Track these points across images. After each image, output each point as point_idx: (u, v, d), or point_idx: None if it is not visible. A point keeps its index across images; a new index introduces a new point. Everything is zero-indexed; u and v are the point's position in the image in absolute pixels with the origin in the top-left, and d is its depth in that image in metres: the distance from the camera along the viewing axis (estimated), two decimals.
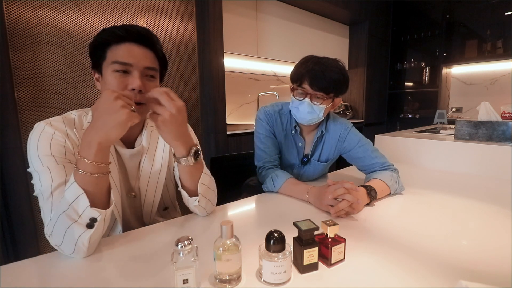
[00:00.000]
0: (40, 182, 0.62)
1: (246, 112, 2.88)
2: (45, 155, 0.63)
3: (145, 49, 0.72)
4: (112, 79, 0.68)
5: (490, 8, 3.21)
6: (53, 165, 0.62)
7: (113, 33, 0.69)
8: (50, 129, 0.66)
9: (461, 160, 1.37)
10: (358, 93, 3.72)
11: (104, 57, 0.69)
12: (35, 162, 0.62)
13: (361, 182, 1.03)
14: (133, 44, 0.70)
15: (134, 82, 0.69)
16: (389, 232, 0.72)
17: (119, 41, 0.69)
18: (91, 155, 0.55)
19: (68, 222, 0.55)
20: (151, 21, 1.84)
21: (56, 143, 0.65)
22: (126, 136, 0.77)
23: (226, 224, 0.49)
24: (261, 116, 1.12)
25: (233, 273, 0.50)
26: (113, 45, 0.69)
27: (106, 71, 0.69)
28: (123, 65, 0.68)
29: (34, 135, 0.65)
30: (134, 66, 0.69)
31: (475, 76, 3.58)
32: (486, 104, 1.49)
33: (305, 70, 0.97)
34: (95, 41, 0.70)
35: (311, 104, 0.98)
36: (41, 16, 1.45)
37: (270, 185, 1.01)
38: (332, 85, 0.96)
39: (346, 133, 1.10)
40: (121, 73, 0.69)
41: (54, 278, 0.54)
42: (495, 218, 0.82)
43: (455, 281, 0.48)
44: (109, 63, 0.68)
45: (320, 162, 1.16)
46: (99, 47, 0.69)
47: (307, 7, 3.05)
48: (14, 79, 1.40)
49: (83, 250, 0.58)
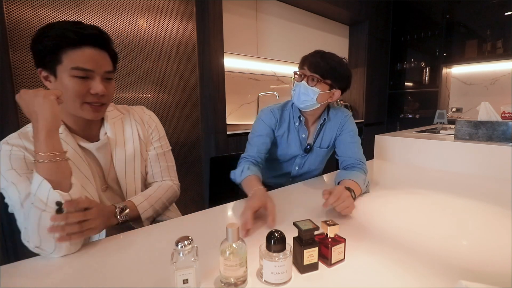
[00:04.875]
0: (10, 198, 0.63)
1: (246, 112, 2.88)
2: (6, 170, 0.64)
3: (102, 52, 0.72)
4: (73, 85, 0.68)
5: (490, 8, 3.21)
6: (16, 178, 0.63)
7: (65, 36, 0.66)
8: (7, 147, 0.66)
9: (461, 160, 1.37)
10: (358, 93, 3.72)
11: (60, 61, 0.67)
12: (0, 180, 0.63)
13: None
14: (90, 48, 0.69)
15: (97, 87, 0.70)
16: (389, 232, 0.72)
17: (74, 45, 0.67)
18: (43, 145, 0.58)
19: (38, 213, 0.56)
20: (151, 21, 1.83)
21: (15, 158, 0.65)
22: (87, 131, 0.79)
23: (232, 227, 0.48)
24: (262, 116, 1.16)
25: (239, 276, 0.49)
26: (68, 49, 0.67)
27: (63, 75, 0.68)
28: (84, 72, 0.69)
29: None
30: (96, 71, 0.70)
31: (475, 76, 3.58)
32: (486, 104, 1.49)
33: (307, 56, 1.07)
34: (43, 42, 0.67)
35: (306, 86, 1.05)
36: (41, 16, 1.45)
37: (238, 173, 1.01)
38: (328, 70, 1.03)
39: (346, 120, 1.18)
40: (81, 78, 0.69)
41: (53, 278, 0.54)
42: (495, 218, 0.82)
43: (455, 281, 0.48)
44: (67, 68, 0.68)
45: (321, 149, 1.21)
46: (51, 50, 0.67)
47: (307, 7, 3.05)
48: (14, 79, 1.40)
49: (64, 244, 0.58)
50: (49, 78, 0.71)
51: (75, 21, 0.70)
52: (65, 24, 0.68)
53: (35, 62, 0.71)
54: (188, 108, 2.06)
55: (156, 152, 0.91)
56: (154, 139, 0.91)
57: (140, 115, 0.90)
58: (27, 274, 0.55)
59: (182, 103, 2.02)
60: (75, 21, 0.70)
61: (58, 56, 0.67)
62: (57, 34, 0.66)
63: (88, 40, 0.69)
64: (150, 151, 0.90)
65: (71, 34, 0.66)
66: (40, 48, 0.68)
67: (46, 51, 0.67)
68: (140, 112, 0.91)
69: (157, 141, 0.91)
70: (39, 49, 0.68)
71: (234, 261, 0.48)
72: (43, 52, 0.67)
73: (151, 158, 0.90)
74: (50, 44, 0.66)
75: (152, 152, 0.90)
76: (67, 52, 0.67)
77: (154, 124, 0.92)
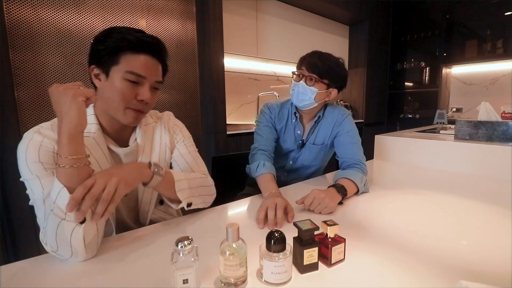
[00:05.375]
0: (32, 191, 0.62)
1: (246, 112, 2.88)
2: (33, 162, 0.63)
3: (157, 62, 0.74)
4: (123, 87, 0.69)
5: (490, 8, 3.21)
6: (42, 172, 0.63)
7: (128, 40, 0.69)
8: (38, 137, 0.66)
9: (461, 160, 1.37)
10: (358, 93, 3.72)
11: (117, 63, 0.69)
12: (24, 170, 0.63)
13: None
14: (148, 56, 0.71)
15: (145, 94, 0.72)
16: (389, 232, 0.72)
17: (135, 50, 0.70)
18: (65, 149, 0.57)
19: (57, 221, 0.56)
20: (151, 21, 1.83)
21: (44, 150, 0.65)
22: (119, 135, 0.79)
23: (232, 227, 0.48)
24: (264, 109, 1.23)
25: (239, 276, 0.49)
26: (127, 53, 0.69)
27: (115, 76, 0.70)
28: (137, 77, 0.70)
29: (23, 144, 0.65)
30: (147, 79, 0.72)
31: (475, 76, 3.58)
32: (486, 104, 1.49)
33: (305, 57, 1.11)
34: (106, 43, 0.69)
35: (304, 85, 1.08)
36: (41, 16, 1.45)
37: (253, 169, 1.05)
38: (325, 70, 1.06)
39: (342, 118, 1.18)
40: (132, 83, 0.70)
41: (54, 278, 0.54)
42: (495, 218, 0.82)
43: (455, 281, 0.48)
44: (123, 70, 0.69)
45: (315, 145, 1.22)
46: (111, 51, 0.69)
47: (307, 7, 3.05)
48: (14, 79, 1.40)
49: (80, 252, 0.57)
50: (99, 76, 0.72)
51: (138, 29, 0.73)
52: (129, 30, 0.71)
53: (90, 59, 0.73)
54: (188, 108, 2.06)
55: (180, 152, 0.88)
56: (179, 141, 0.89)
57: (168, 123, 0.90)
58: (27, 274, 0.55)
59: (182, 103, 2.02)
60: (138, 29, 0.73)
61: (117, 58, 0.69)
62: (121, 37, 0.68)
63: (148, 48, 0.71)
64: (175, 153, 0.88)
65: (134, 40, 0.69)
66: (101, 48, 0.69)
67: (106, 51, 0.69)
68: (167, 119, 0.91)
69: (181, 142, 0.90)
70: (100, 48, 0.69)
71: (234, 261, 0.48)
72: (103, 52, 0.69)
73: (176, 159, 0.88)
74: (112, 45, 0.68)
75: (176, 153, 0.88)
76: (126, 55, 0.69)
77: (179, 128, 0.91)
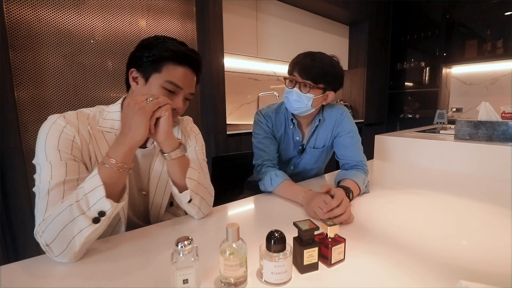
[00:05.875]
0: (40, 177, 0.62)
1: (246, 112, 2.88)
2: (51, 147, 0.63)
3: (194, 76, 0.77)
4: (159, 95, 0.70)
5: (490, 8, 3.21)
6: (56, 160, 0.63)
7: (174, 52, 0.71)
8: (62, 122, 0.66)
9: (461, 160, 1.37)
10: (358, 93, 3.72)
11: (159, 71, 0.71)
12: (41, 153, 0.63)
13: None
14: (188, 68, 0.74)
15: (179, 103, 0.74)
16: (389, 232, 0.72)
17: (178, 62, 0.72)
18: (120, 155, 0.59)
19: (75, 214, 0.55)
20: (151, 21, 1.83)
21: (65, 137, 0.65)
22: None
23: (232, 227, 0.48)
24: (259, 119, 1.15)
25: (239, 276, 0.49)
26: (170, 63, 0.71)
27: (154, 82, 0.71)
28: (175, 87, 0.72)
29: (45, 126, 0.65)
30: (183, 90, 0.74)
31: (475, 76, 3.58)
32: (486, 104, 1.49)
33: (297, 60, 1.03)
34: (152, 51, 0.70)
35: (299, 92, 1.02)
36: (41, 16, 1.45)
37: (268, 183, 1.01)
38: (320, 75, 1.00)
39: (342, 118, 1.14)
40: (168, 91, 0.72)
41: (54, 278, 0.54)
42: (495, 218, 0.82)
43: (455, 281, 0.48)
44: (163, 79, 0.71)
45: (315, 149, 1.18)
46: (156, 59, 0.70)
47: (307, 7, 3.05)
48: (14, 79, 1.40)
49: (73, 251, 0.56)
50: (137, 79, 0.74)
51: (181, 41, 0.76)
52: (175, 41, 0.74)
53: (131, 63, 0.74)
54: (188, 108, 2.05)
55: (189, 157, 0.85)
56: (190, 146, 0.89)
57: (185, 127, 0.90)
58: (27, 274, 0.55)
59: None
60: (181, 41, 0.76)
61: (159, 66, 0.71)
62: (168, 48, 0.71)
63: (189, 61, 0.74)
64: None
65: (178, 52, 0.72)
66: (146, 54, 0.71)
67: (151, 59, 0.71)
68: (185, 124, 0.91)
69: (192, 148, 0.88)
70: (144, 55, 0.71)
71: (234, 261, 0.48)
72: (147, 58, 0.71)
73: None
74: (157, 54, 0.70)
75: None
76: (168, 65, 0.71)
77: (194, 134, 0.91)
